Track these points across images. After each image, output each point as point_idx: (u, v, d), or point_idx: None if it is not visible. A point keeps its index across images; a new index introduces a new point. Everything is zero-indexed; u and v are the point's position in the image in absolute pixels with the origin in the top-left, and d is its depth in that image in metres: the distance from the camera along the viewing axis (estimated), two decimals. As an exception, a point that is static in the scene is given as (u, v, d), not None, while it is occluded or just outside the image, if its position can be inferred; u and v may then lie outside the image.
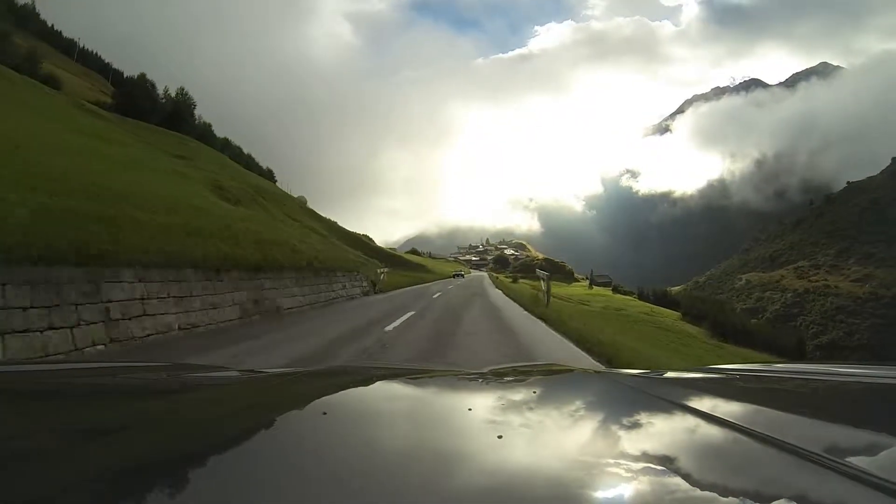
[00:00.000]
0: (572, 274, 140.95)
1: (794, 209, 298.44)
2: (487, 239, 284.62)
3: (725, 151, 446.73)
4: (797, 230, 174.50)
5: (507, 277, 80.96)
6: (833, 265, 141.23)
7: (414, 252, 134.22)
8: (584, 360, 6.36)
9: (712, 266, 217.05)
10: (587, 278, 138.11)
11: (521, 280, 58.50)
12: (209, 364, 1.51)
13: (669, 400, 0.90)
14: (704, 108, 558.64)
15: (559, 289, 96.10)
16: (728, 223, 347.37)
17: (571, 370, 1.61)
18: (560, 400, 1.01)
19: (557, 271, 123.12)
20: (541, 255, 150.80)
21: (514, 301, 18.28)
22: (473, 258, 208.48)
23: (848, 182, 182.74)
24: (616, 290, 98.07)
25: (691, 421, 0.76)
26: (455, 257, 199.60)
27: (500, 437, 0.64)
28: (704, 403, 0.89)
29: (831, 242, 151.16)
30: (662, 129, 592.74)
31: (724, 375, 1.34)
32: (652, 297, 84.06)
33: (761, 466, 0.55)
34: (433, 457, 0.61)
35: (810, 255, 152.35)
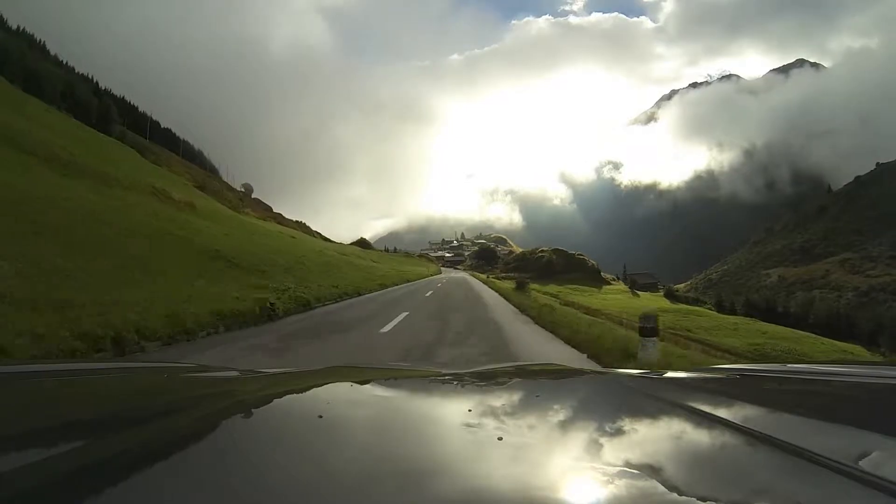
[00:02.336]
0: (599, 273, 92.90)
1: (786, 200, 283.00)
2: (462, 233, 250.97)
3: (712, 142, 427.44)
4: (823, 218, 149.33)
5: (496, 279, 49.88)
6: (893, 256, 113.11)
7: (362, 245, 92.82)
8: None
9: (707, 259, 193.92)
10: (619, 279, 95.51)
11: (532, 288, 25.50)
12: (209, 364, 1.52)
13: (670, 401, 0.89)
14: (691, 95, 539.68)
15: (591, 299, 51.93)
16: (718, 215, 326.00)
17: (571, 370, 1.59)
18: (561, 401, 1.00)
19: (575, 269, 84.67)
20: (546, 251, 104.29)
21: None
22: (447, 255, 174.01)
23: (877, 163, 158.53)
24: (674, 296, 66.11)
25: (692, 422, 0.76)
26: (425, 254, 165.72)
27: (500, 438, 0.63)
28: (704, 404, 0.89)
29: (879, 229, 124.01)
30: (647, 118, 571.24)
31: (723, 375, 1.34)
32: (742, 308, 52.03)
33: (762, 467, 0.55)
34: (433, 460, 0.60)
35: (855, 245, 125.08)
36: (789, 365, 1.31)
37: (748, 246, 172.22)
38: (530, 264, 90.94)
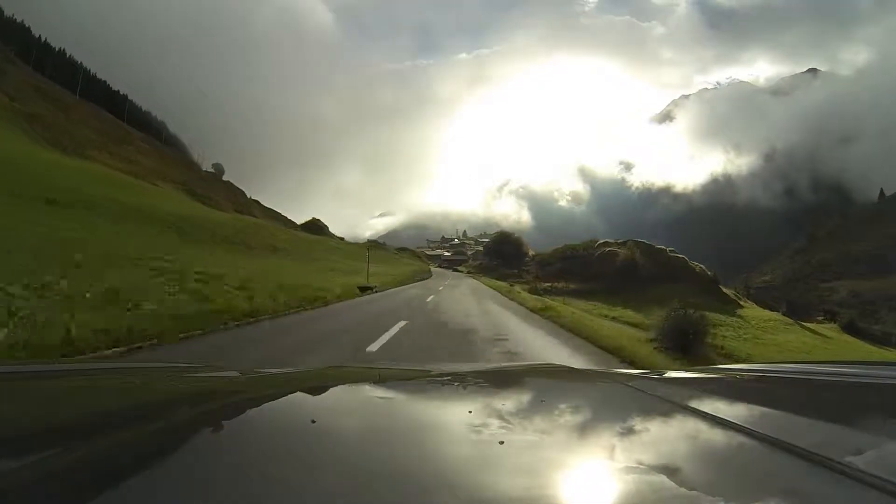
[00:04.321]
0: (716, 286, 53.87)
1: (807, 207, 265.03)
2: (465, 231, 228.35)
3: (729, 144, 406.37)
4: (880, 223, 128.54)
5: (523, 290, 27.24)
6: None
7: (312, 228, 70.87)
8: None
9: (727, 267, 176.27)
10: (739, 295, 58.10)
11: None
12: (210, 364, 1.53)
13: (671, 401, 0.89)
14: (708, 95, 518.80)
15: (758, 346, 17.97)
16: (736, 221, 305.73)
17: (571, 370, 1.60)
18: (562, 402, 0.99)
19: (674, 277, 49.38)
20: (616, 245, 62.55)
21: None
22: (446, 253, 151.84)
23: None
24: (857, 330, 43.73)
25: (693, 422, 0.76)
26: (421, 251, 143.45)
27: (501, 442, 0.62)
28: (705, 404, 0.89)
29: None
30: (662, 117, 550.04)
31: (724, 375, 1.35)
32: None
33: (762, 467, 0.55)
34: (430, 467, 0.58)
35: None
36: (789, 365, 1.32)
37: (788, 254, 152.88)
38: (590, 267, 52.97)
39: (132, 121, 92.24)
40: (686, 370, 1.45)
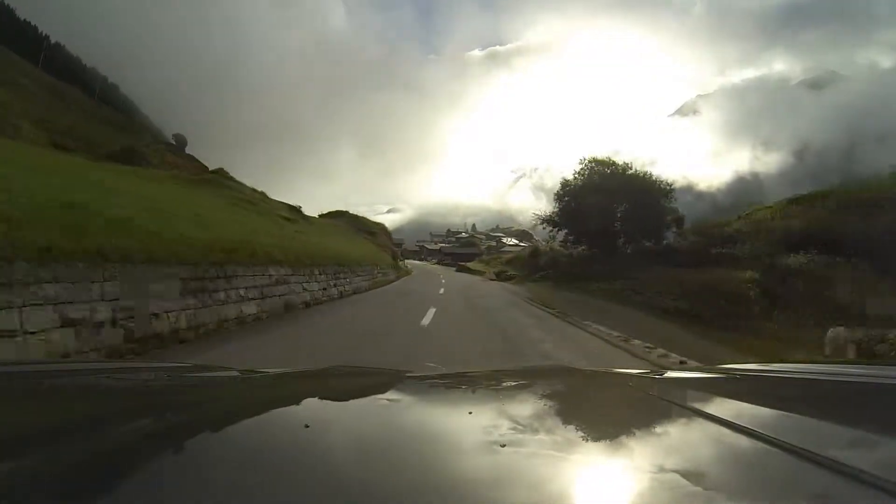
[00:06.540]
0: None
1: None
2: (474, 224, 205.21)
3: (757, 140, 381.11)
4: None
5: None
6: None
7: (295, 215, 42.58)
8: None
9: None
10: None
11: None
12: (210, 364, 1.53)
13: (673, 402, 0.90)
14: (731, 89, 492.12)
15: None
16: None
17: (573, 370, 1.59)
18: (565, 403, 0.99)
19: None
20: None
21: None
22: (446, 246, 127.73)
23: None
24: None
25: (694, 423, 0.76)
26: (421, 246, 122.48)
27: (503, 446, 0.60)
28: (706, 405, 0.89)
29: None
30: (686, 111, 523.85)
31: (724, 375, 1.37)
32: None
33: (762, 467, 0.55)
34: (428, 474, 0.56)
35: None
36: (789, 365, 1.33)
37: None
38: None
39: (62, 72, 73.79)
40: (686, 370, 1.45)
